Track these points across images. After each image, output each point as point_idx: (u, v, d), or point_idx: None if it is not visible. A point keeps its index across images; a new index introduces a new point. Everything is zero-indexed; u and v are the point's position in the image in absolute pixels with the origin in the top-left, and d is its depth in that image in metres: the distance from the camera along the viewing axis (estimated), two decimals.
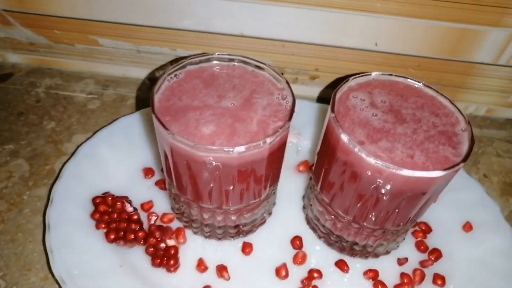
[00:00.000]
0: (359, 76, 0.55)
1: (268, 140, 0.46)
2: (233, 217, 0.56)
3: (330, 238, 0.59)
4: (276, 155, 0.50)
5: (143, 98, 0.80)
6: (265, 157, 0.48)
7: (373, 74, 0.56)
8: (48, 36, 0.79)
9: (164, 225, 0.60)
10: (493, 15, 0.67)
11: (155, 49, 0.78)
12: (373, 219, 0.52)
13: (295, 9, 0.70)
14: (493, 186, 0.73)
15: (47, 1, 0.73)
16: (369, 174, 0.47)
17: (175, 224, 0.60)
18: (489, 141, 0.80)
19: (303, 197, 0.65)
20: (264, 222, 0.61)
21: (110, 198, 0.58)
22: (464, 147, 0.49)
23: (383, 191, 0.48)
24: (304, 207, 0.63)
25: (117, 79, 0.83)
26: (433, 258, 0.60)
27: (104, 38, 0.77)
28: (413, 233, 0.62)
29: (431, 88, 0.55)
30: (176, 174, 0.51)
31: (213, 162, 0.46)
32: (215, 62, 0.56)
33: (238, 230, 0.58)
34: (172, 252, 0.55)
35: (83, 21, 0.75)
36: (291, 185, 0.66)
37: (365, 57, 0.76)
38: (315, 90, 0.82)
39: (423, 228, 0.63)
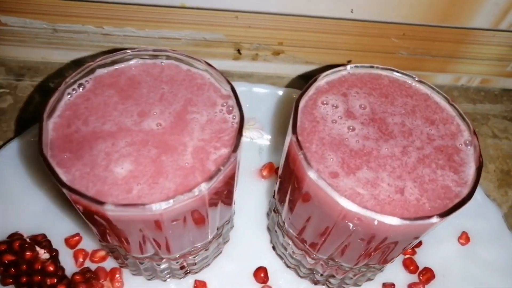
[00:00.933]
0: (330, 73, 0.41)
1: (204, 186, 0.33)
2: (176, 262, 0.44)
3: (301, 270, 0.48)
4: (222, 192, 0.38)
5: None
6: (204, 202, 0.35)
7: (349, 67, 0.42)
8: None
9: (95, 265, 0.48)
10: None
11: (76, 27, 0.62)
12: (353, 259, 0.41)
13: None
14: (490, 176, 0.63)
15: None
16: (346, 220, 0.35)
17: (109, 263, 0.48)
18: (483, 118, 0.69)
19: (267, 213, 0.53)
20: (220, 252, 0.50)
21: (18, 243, 0.45)
22: (470, 170, 0.37)
23: (364, 237, 0.36)
24: (268, 228, 0.52)
25: (35, 65, 0.67)
26: (424, 280, 0.50)
27: (6, 15, 0.60)
28: None
29: (423, 83, 0.42)
30: (92, 223, 0.38)
31: (131, 220, 0.34)
32: (135, 61, 0.41)
33: (187, 270, 0.47)
34: None
35: None
36: (253, 197, 0.54)
37: (338, 27, 0.62)
38: (280, 68, 0.68)
39: None
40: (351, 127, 0.39)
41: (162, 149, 0.36)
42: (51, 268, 0.44)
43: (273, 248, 0.51)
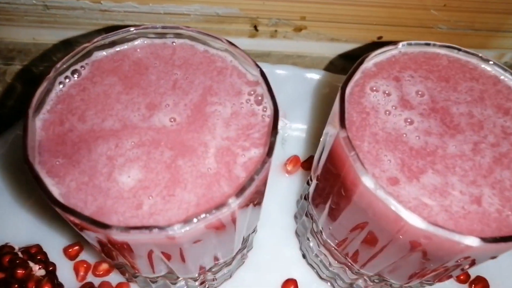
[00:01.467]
0: (378, 53, 0.34)
1: (234, 202, 0.26)
2: (195, 280, 0.37)
3: (337, 283, 0.41)
4: (253, 202, 0.31)
5: None
6: (233, 217, 0.28)
7: (400, 45, 0.35)
8: None
9: (99, 279, 0.42)
10: None
11: (70, 2, 0.54)
12: (406, 277, 0.34)
13: None
14: None
15: None
16: (408, 237, 0.28)
17: (115, 277, 0.42)
18: None
19: (295, 216, 0.46)
20: (243, 262, 0.43)
21: (7, 258, 0.38)
22: None
23: (428, 257, 0.29)
24: (297, 233, 0.45)
25: (25, 47, 0.59)
26: None
27: None
28: None
29: (492, 63, 0.35)
30: (93, 243, 0.31)
31: (142, 243, 0.27)
32: (140, 40, 0.34)
33: (206, 285, 0.40)
34: None
35: None
36: (278, 196, 0.48)
37: None
38: (302, 46, 0.60)
39: None
40: (408, 120, 0.31)
41: (178, 150, 0.29)
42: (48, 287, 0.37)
43: (303, 256, 0.44)
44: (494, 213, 0.28)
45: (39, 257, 0.40)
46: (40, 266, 0.39)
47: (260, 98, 0.32)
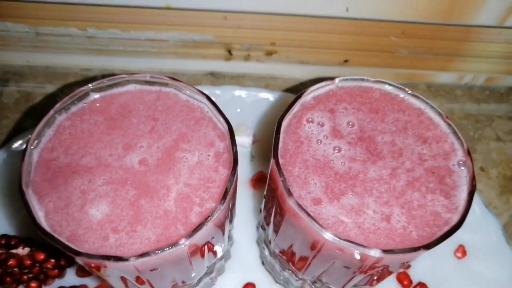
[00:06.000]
0: (317, 88, 0.39)
1: (185, 243, 0.31)
2: None
3: None
4: (210, 240, 0.36)
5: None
6: (189, 253, 0.33)
7: (337, 80, 0.39)
8: None
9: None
10: None
11: (59, 30, 0.59)
12: (340, 282, 0.39)
13: None
14: (492, 182, 0.60)
15: None
16: (328, 249, 0.33)
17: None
18: (487, 120, 0.66)
19: (257, 227, 0.51)
20: (223, 271, 0.48)
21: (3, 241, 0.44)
22: (462, 195, 0.35)
23: (349, 265, 0.34)
24: (257, 242, 0.50)
25: (20, 70, 0.65)
26: None
27: None
28: None
29: (417, 97, 0.39)
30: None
31: (107, 266, 0.32)
32: (132, 86, 0.38)
33: None
34: None
35: None
36: (245, 209, 0.53)
37: (333, 26, 0.59)
38: (274, 68, 0.65)
39: None
40: (337, 148, 0.36)
41: (142, 190, 0.33)
42: (42, 257, 0.43)
43: (262, 263, 0.49)
44: (400, 229, 0.33)
45: (13, 242, 0.44)
46: (21, 246, 0.44)
47: (223, 150, 0.35)
